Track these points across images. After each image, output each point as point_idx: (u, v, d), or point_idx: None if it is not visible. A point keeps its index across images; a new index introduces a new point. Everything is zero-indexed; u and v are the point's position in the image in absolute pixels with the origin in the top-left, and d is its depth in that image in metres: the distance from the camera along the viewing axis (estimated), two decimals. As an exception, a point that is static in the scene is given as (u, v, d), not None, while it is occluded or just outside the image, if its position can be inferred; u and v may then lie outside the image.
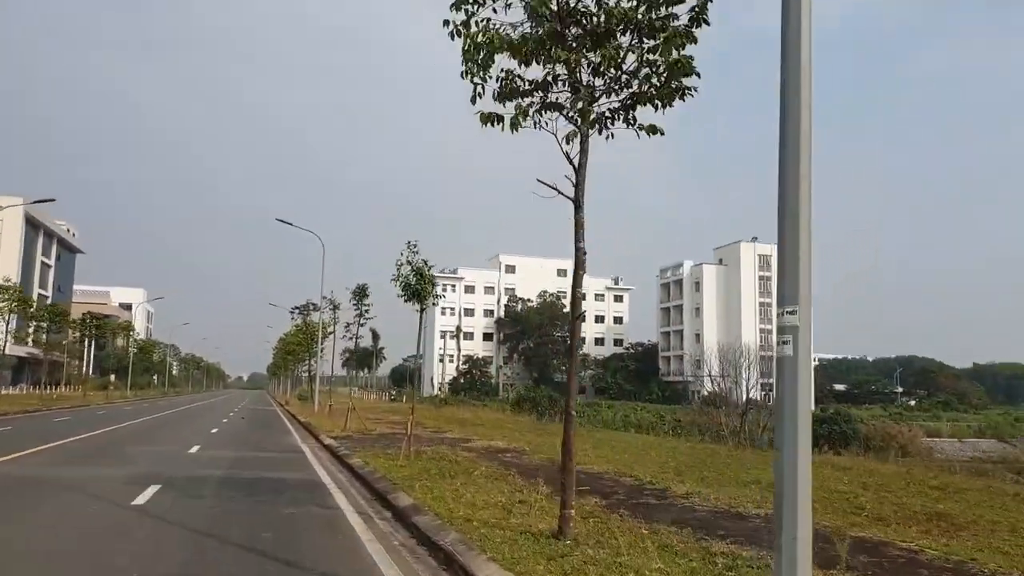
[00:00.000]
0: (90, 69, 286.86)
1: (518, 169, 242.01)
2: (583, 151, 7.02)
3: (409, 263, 14.30)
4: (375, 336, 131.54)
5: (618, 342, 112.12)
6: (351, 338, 34.03)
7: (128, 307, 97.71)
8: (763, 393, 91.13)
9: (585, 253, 7.08)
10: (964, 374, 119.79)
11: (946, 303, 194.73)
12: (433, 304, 14.98)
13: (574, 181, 7.06)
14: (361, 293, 26.24)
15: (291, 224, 33.21)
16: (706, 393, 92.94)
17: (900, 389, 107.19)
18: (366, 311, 26.31)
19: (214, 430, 24.56)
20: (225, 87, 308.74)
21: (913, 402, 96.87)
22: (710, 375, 44.97)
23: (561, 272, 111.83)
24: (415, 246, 14.34)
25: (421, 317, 14.85)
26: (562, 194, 7.08)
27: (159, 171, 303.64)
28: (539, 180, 7.28)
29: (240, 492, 10.32)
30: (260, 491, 10.52)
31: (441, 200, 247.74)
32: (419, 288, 14.32)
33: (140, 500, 9.22)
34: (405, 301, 14.65)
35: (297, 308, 39.62)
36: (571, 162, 6.99)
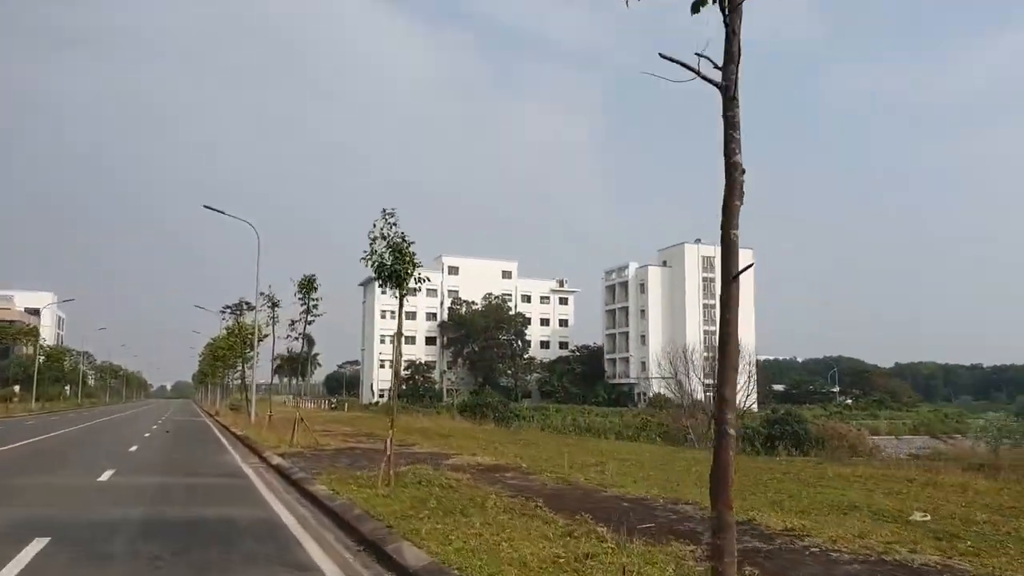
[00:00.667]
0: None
1: (455, 168, 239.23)
2: (734, 8, 4.39)
3: (384, 237, 11.43)
4: (310, 342, 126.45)
5: (563, 345, 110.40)
6: (296, 337, 30.65)
7: (35, 312, 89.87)
8: (707, 394, 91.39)
9: (743, 172, 4.44)
10: (888, 373, 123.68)
11: (866, 304, 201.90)
12: (415, 290, 12.08)
13: (721, 62, 4.44)
14: (308, 286, 22.90)
15: (221, 212, 29.39)
16: (651, 395, 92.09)
17: (837, 388, 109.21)
18: (314, 306, 22.99)
19: (133, 448, 20.86)
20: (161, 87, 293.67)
21: (849, 401, 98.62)
22: (674, 375, 42.85)
23: (506, 274, 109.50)
24: (392, 216, 11.46)
25: (400, 303, 11.93)
26: (701, 76, 4.42)
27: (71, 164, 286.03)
28: (662, 55, 4.62)
29: (168, 545, 7.24)
30: (197, 541, 7.47)
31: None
32: (397, 269, 11.47)
33: (10, 569, 6.08)
34: (380, 285, 11.78)
35: (228, 308, 35.34)
36: (725, 19, 4.36)
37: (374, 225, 11.38)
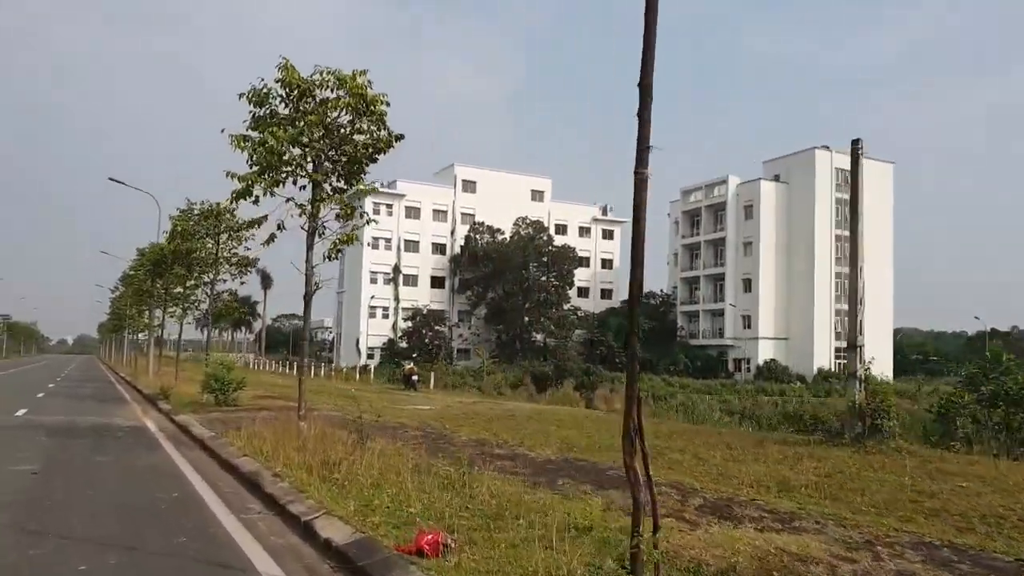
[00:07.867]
0: None
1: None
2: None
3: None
4: (265, 279, 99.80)
5: (606, 293, 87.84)
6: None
7: None
8: (838, 363, 70.10)
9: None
10: None
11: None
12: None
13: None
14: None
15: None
16: (763, 363, 70.68)
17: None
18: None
19: None
20: None
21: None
22: None
23: (536, 195, 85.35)
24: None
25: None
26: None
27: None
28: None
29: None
30: None
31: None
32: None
33: None
34: None
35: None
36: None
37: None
